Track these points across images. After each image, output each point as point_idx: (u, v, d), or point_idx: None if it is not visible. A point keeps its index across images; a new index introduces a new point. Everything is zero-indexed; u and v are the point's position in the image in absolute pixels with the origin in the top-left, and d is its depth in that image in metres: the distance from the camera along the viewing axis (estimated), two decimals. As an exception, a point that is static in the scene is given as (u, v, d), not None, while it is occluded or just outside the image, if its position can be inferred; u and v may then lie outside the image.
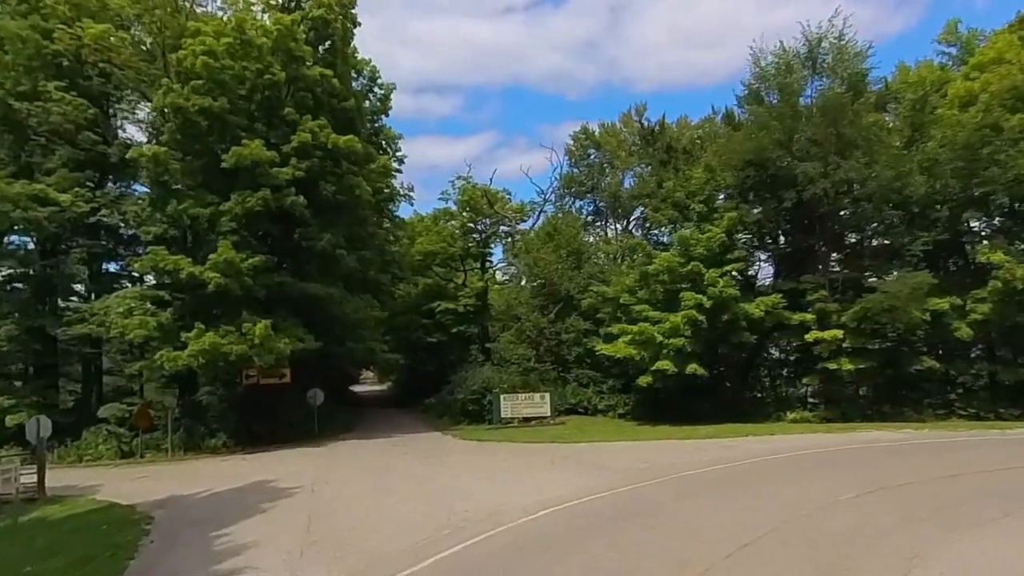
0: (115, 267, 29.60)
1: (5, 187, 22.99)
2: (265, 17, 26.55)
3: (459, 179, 43.44)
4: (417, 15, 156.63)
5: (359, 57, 31.97)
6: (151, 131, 28.69)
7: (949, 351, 24.84)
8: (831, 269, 26.35)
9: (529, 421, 26.13)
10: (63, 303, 27.17)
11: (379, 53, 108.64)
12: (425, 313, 41.36)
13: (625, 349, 25.22)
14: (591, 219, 42.69)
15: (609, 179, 40.47)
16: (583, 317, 31.76)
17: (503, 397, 26.40)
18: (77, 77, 25.70)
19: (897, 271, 25.21)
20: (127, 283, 28.14)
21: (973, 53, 28.44)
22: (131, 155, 23.56)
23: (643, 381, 24.94)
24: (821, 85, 25.95)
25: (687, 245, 25.79)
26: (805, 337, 24.20)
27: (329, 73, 25.24)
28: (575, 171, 42.40)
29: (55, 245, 26.41)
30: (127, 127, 30.11)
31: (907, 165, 24.53)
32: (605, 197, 40.33)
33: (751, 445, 18.38)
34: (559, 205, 43.29)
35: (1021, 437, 18.62)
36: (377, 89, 34.72)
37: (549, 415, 26.56)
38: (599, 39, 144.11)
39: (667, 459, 16.38)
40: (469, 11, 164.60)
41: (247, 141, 22.60)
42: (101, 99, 27.24)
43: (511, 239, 43.51)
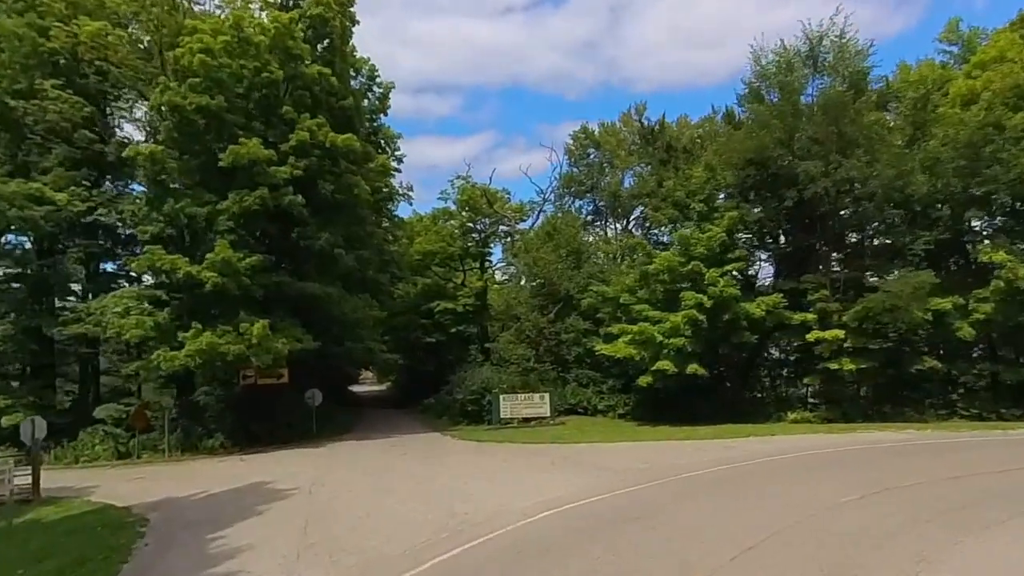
0: (112, 267, 29.56)
1: (1, 186, 22.85)
2: (263, 15, 26.39)
3: (458, 179, 43.49)
4: (417, 15, 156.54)
5: (358, 56, 31.87)
6: (148, 130, 28.62)
7: (951, 351, 24.73)
8: (832, 269, 26.25)
9: (529, 421, 26.00)
10: (60, 303, 27.05)
11: (379, 53, 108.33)
12: (424, 313, 41.21)
13: (625, 349, 25.11)
14: (591, 219, 42.64)
15: (609, 178, 40.37)
16: (583, 317, 31.65)
17: (502, 397, 26.27)
18: (74, 75, 25.56)
19: (898, 270, 25.12)
20: (124, 283, 27.97)
21: (975, 51, 28.45)
22: (128, 154, 23.41)
23: (643, 381, 24.86)
24: (822, 83, 25.93)
25: (687, 244, 25.70)
26: (806, 337, 24.14)
27: (327, 71, 25.11)
28: (575, 171, 42.32)
29: (52, 244, 26.29)
30: (124, 125, 30.18)
31: (908, 164, 24.44)
32: (605, 196, 40.23)
33: (752, 446, 18.27)
34: (559, 205, 43.25)
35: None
36: (376, 88, 34.67)
37: (549, 415, 26.43)
38: (599, 39, 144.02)
39: (667, 460, 16.27)
40: (469, 11, 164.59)
41: (245, 140, 22.47)
42: (98, 97, 27.11)
43: (510, 239, 43.40)
